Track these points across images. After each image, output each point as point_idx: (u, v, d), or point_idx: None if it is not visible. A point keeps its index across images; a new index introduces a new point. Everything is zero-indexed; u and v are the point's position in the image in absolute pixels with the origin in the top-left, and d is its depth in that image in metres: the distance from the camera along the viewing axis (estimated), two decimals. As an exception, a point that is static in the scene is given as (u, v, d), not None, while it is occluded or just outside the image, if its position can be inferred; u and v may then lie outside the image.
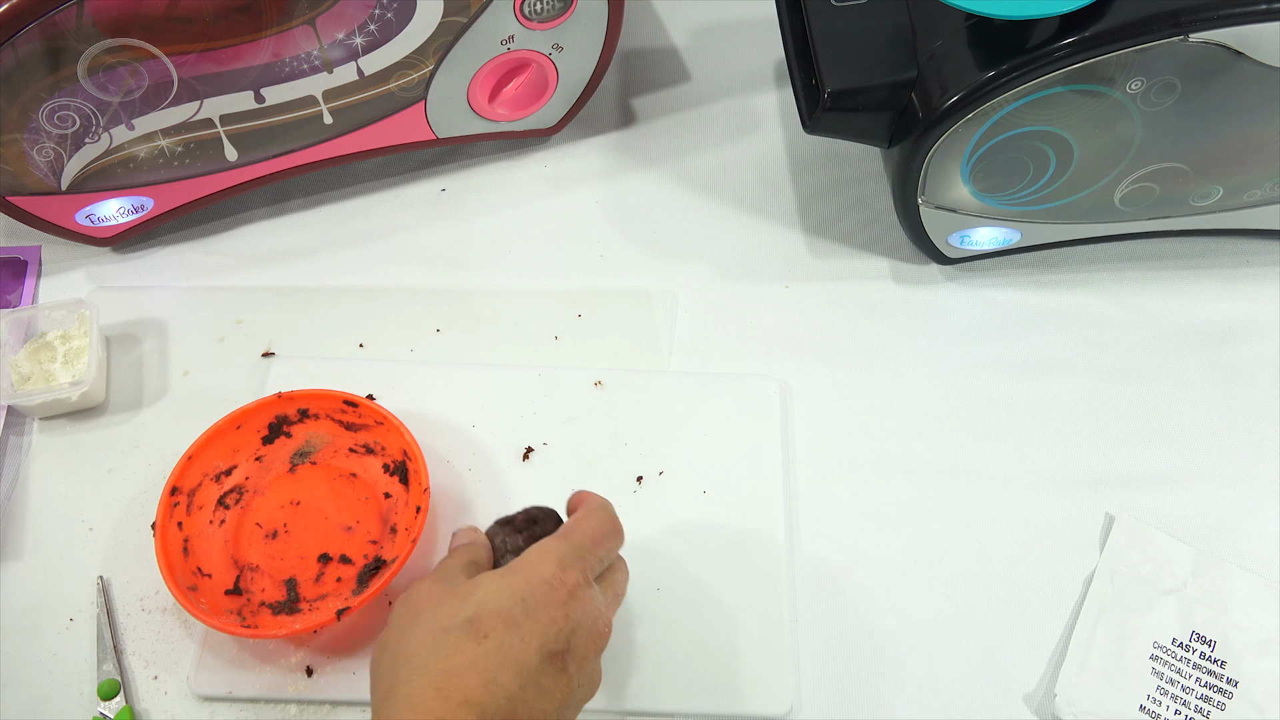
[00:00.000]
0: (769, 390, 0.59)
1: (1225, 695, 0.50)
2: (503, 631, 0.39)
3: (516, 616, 0.39)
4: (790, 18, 0.60)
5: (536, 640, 0.39)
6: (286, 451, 0.55)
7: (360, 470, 0.55)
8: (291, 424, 0.55)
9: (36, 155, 0.55)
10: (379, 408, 0.54)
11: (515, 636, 0.39)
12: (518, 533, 0.46)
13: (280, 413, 0.55)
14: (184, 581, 0.50)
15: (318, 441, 0.56)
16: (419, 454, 0.53)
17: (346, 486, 0.55)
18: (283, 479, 0.55)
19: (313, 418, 0.55)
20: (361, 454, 0.55)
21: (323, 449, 0.56)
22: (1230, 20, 0.49)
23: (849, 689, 0.51)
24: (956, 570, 0.54)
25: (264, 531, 0.53)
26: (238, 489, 0.54)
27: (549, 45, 0.62)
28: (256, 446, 0.55)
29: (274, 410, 0.55)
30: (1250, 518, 0.56)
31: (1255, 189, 0.59)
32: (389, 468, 0.55)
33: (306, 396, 0.55)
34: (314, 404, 0.55)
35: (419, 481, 0.52)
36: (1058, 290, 0.64)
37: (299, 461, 0.55)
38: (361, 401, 0.55)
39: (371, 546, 0.53)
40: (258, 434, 0.55)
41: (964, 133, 0.54)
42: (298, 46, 0.56)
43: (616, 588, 0.45)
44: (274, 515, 0.54)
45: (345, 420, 0.55)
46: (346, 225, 0.67)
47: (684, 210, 0.68)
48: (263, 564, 0.52)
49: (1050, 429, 0.59)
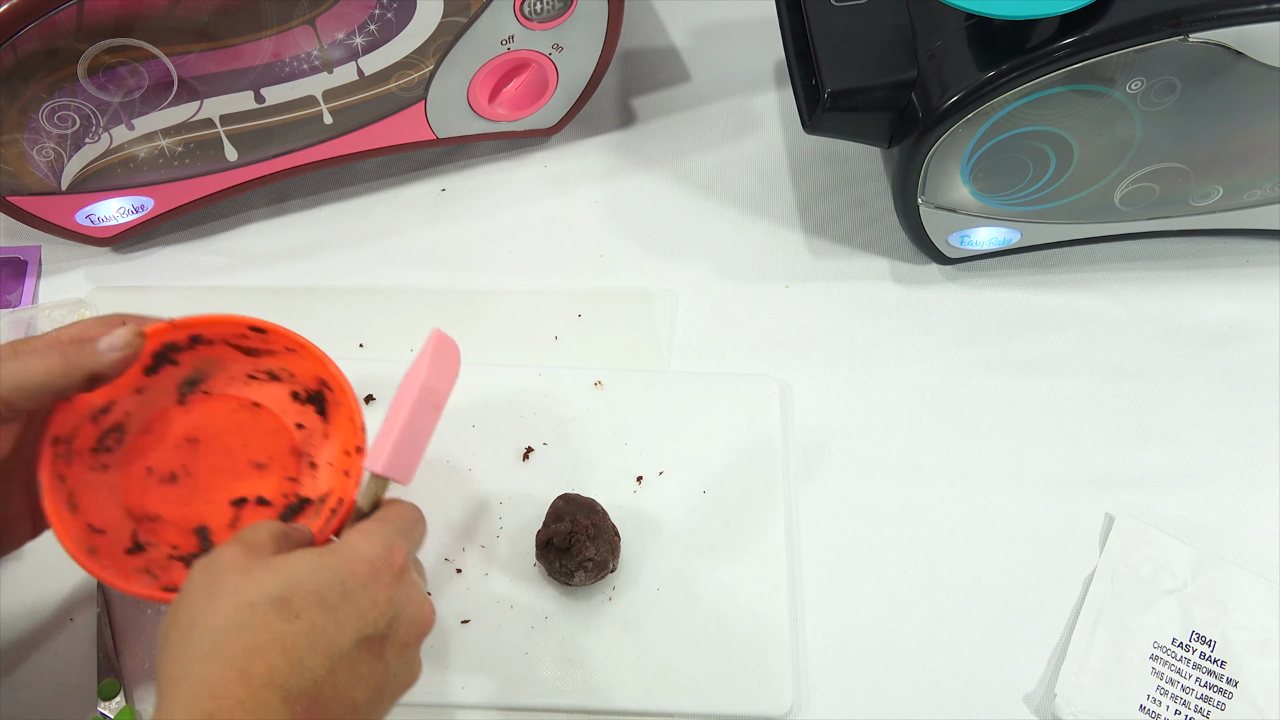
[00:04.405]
0: (769, 390, 0.59)
1: (1225, 695, 0.50)
2: (316, 612, 0.36)
3: (333, 599, 0.36)
4: (790, 18, 0.60)
5: (353, 624, 0.36)
6: (172, 381, 0.47)
7: (263, 398, 0.48)
8: (180, 350, 0.46)
9: (36, 155, 0.55)
10: (294, 334, 0.46)
11: (330, 619, 0.36)
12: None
13: (169, 340, 0.45)
14: (80, 542, 0.42)
15: (209, 367, 0.47)
16: (344, 383, 0.46)
17: (250, 419, 0.48)
18: (171, 413, 0.47)
19: (206, 344, 0.46)
20: (264, 380, 0.48)
21: (216, 376, 0.47)
22: (1230, 20, 0.49)
23: (849, 689, 0.51)
24: (956, 570, 0.54)
25: (158, 476, 0.46)
26: (117, 428, 0.46)
27: (549, 45, 0.62)
28: (137, 377, 0.46)
29: (162, 338, 0.45)
30: (1250, 518, 0.56)
31: (1255, 189, 0.59)
32: (299, 396, 0.48)
33: (204, 322, 0.45)
34: (211, 329, 0.46)
35: (348, 416, 0.46)
36: (1058, 290, 0.64)
37: (188, 392, 0.47)
38: (273, 327, 0.46)
39: (290, 484, 0.48)
40: (139, 364, 0.44)
41: (964, 133, 0.54)
42: (298, 46, 0.56)
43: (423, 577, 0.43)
44: (167, 456, 0.46)
45: (246, 346, 0.47)
46: (346, 225, 0.67)
47: (684, 210, 0.68)
48: (164, 513, 0.46)
49: (1050, 429, 0.59)
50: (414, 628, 0.39)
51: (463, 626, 0.51)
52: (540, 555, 0.51)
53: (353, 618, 0.36)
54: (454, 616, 0.52)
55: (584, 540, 0.50)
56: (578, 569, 0.50)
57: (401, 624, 0.38)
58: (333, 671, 0.35)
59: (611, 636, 0.51)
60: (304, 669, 0.35)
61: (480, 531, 0.54)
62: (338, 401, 0.47)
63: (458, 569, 0.53)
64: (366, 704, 0.37)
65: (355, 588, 0.37)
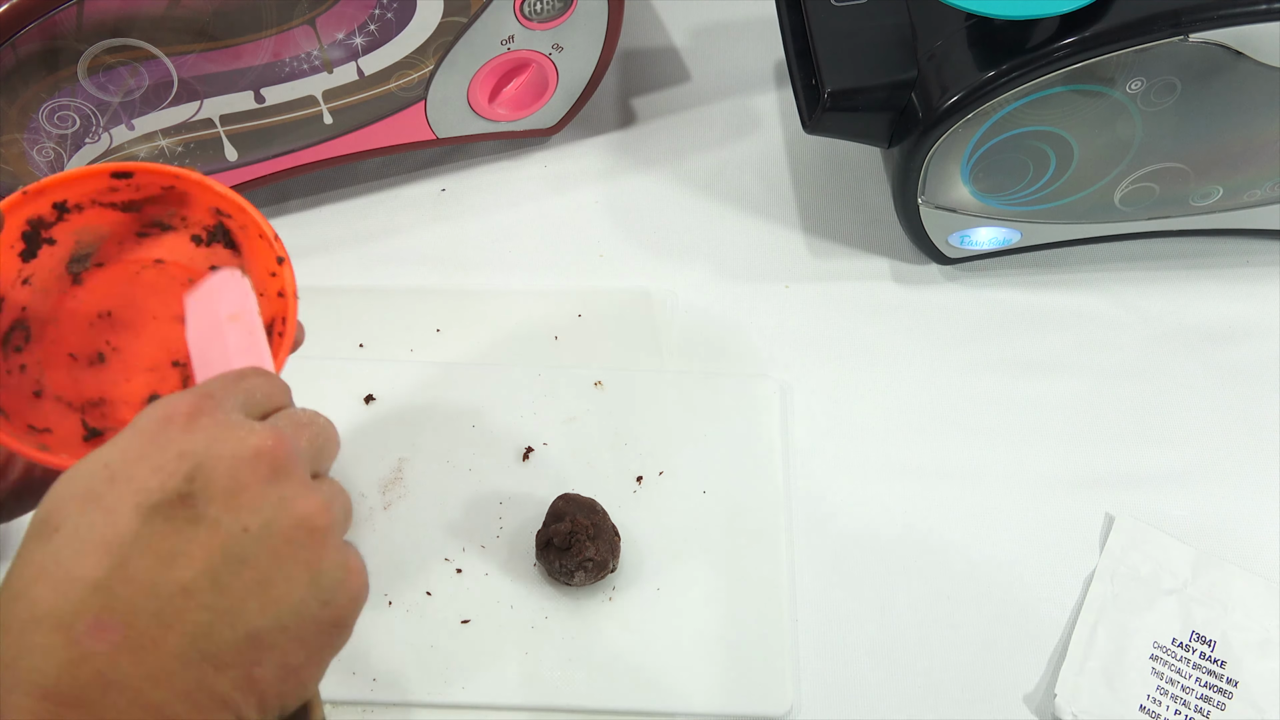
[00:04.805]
0: (769, 390, 0.59)
1: (1225, 695, 0.50)
2: (77, 514, 0.29)
3: (98, 488, 0.30)
4: (790, 18, 0.60)
5: (131, 500, 0.29)
6: (57, 262, 0.43)
7: (165, 254, 0.44)
8: (50, 225, 0.42)
9: (36, 155, 0.55)
10: (165, 167, 0.41)
11: (96, 512, 0.29)
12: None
13: (31, 214, 0.41)
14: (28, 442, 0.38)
15: (90, 237, 0.43)
16: (242, 203, 0.41)
17: (158, 277, 0.44)
18: (72, 295, 0.43)
19: (75, 210, 0.42)
20: (156, 234, 0.44)
21: (103, 244, 0.43)
22: (1230, 20, 0.49)
23: (849, 689, 0.51)
24: (956, 570, 0.54)
25: (85, 360, 0.43)
26: (18, 325, 0.42)
27: (549, 45, 0.62)
28: (17, 266, 0.42)
29: (21, 214, 0.41)
30: (1250, 518, 0.56)
31: (1255, 189, 0.59)
32: (201, 239, 0.44)
33: (57, 184, 0.41)
34: (69, 191, 0.41)
35: (257, 235, 0.41)
36: (1058, 290, 0.64)
37: (80, 269, 0.43)
38: (139, 166, 0.41)
39: None
40: (12, 250, 0.41)
41: (964, 133, 0.54)
42: (298, 46, 0.56)
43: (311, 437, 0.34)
44: (85, 339, 0.43)
45: (120, 201, 0.42)
46: (346, 225, 0.67)
47: (684, 210, 0.68)
48: (107, 394, 0.42)
49: (1050, 429, 0.59)
50: (241, 466, 0.30)
51: (463, 626, 0.51)
52: (540, 555, 0.51)
53: (129, 494, 0.29)
54: (454, 616, 0.52)
55: (584, 540, 0.50)
56: (578, 569, 0.50)
57: (213, 467, 0.30)
58: (119, 565, 0.28)
59: (611, 636, 0.51)
60: (71, 581, 0.28)
61: (480, 531, 0.54)
62: (242, 225, 0.42)
63: (458, 569, 0.53)
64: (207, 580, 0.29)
65: (129, 461, 0.30)
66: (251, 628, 0.29)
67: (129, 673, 0.27)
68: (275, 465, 0.31)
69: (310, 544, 0.31)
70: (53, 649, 0.27)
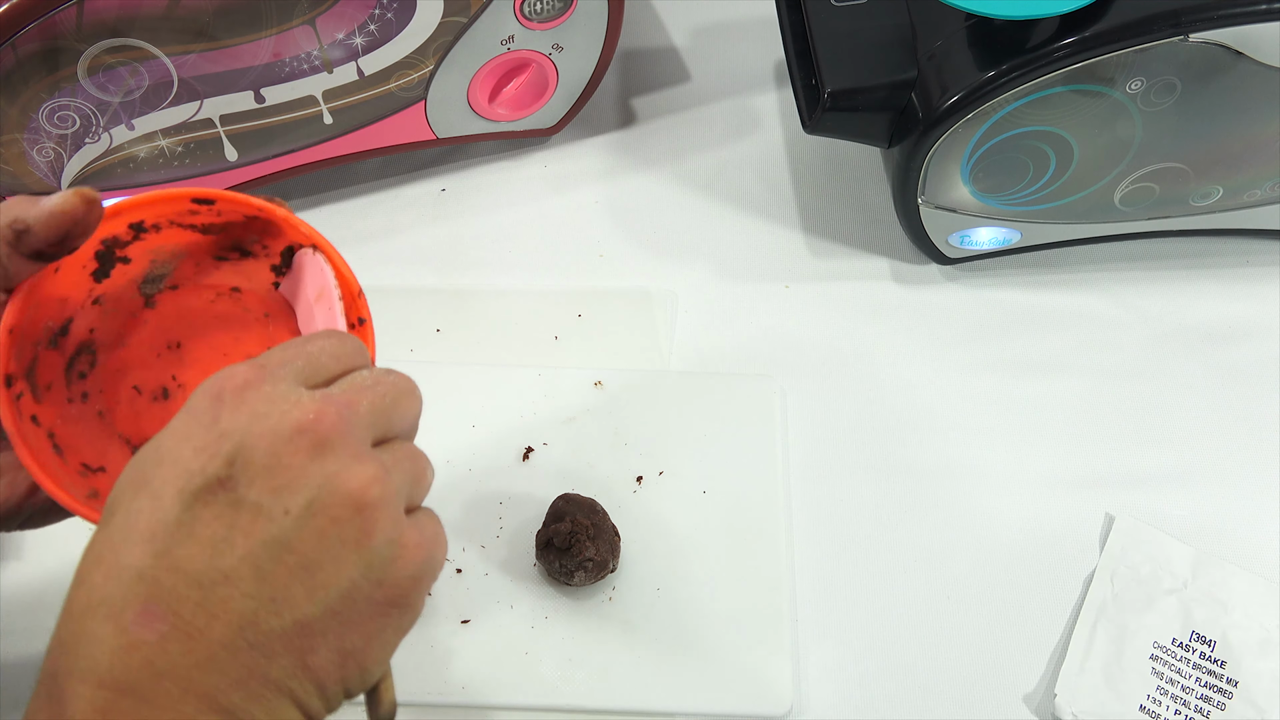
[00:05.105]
0: (769, 390, 0.59)
1: (1225, 695, 0.50)
2: (129, 499, 0.28)
3: (147, 472, 0.29)
4: (790, 18, 0.60)
5: (174, 484, 0.28)
6: (130, 282, 0.40)
7: (242, 281, 0.41)
8: (125, 245, 0.39)
9: (36, 155, 0.55)
10: (248, 198, 0.38)
11: (144, 497, 0.28)
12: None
13: (106, 234, 0.38)
14: (78, 490, 0.35)
15: (166, 258, 0.40)
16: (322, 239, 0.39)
17: (232, 308, 0.42)
18: (141, 319, 0.40)
19: (152, 229, 0.39)
20: (235, 259, 0.41)
21: (179, 265, 0.40)
22: (1230, 20, 0.49)
23: (849, 689, 0.51)
24: (956, 570, 0.54)
25: (149, 394, 0.40)
26: (85, 348, 0.39)
27: (549, 45, 0.62)
28: (88, 286, 0.39)
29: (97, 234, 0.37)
30: (1250, 518, 0.56)
31: (1255, 189, 0.59)
32: (280, 268, 0.41)
33: (135, 205, 0.37)
34: (147, 213, 0.38)
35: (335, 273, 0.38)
36: (1058, 290, 0.64)
37: (153, 290, 0.40)
38: (222, 195, 0.38)
39: None
40: (84, 269, 0.38)
41: (964, 133, 0.54)
42: (298, 46, 0.56)
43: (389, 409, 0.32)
44: (152, 370, 0.40)
45: (199, 224, 0.39)
46: (346, 225, 0.67)
47: (684, 210, 0.68)
48: None
49: (1050, 429, 0.59)
50: (279, 442, 0.28)
51: (463, 626, 0.51)
52: (540, 555, 0.51)
53: (171, 479, 0.28)
54: (454, 616, 0.52)
55: (584, 540, 0.50)
56: (578, 569, 0.50)
57: (254, 445, 0.28)
58: (162, 553, 0.27)
59: (611, 636, 0.51)
60: (116, 571, 0.27)
61: (480, 531, 0.54)
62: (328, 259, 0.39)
63: (458, 569, 0.53)
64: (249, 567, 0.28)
65: (171, 447, 0.29)
66: (299, 615, 0.28)
67: (178, 662, 0.27)
68: (318, 440, 0.29)
69: (358, 522, 0.29)
70: (105, 637, 0.27)
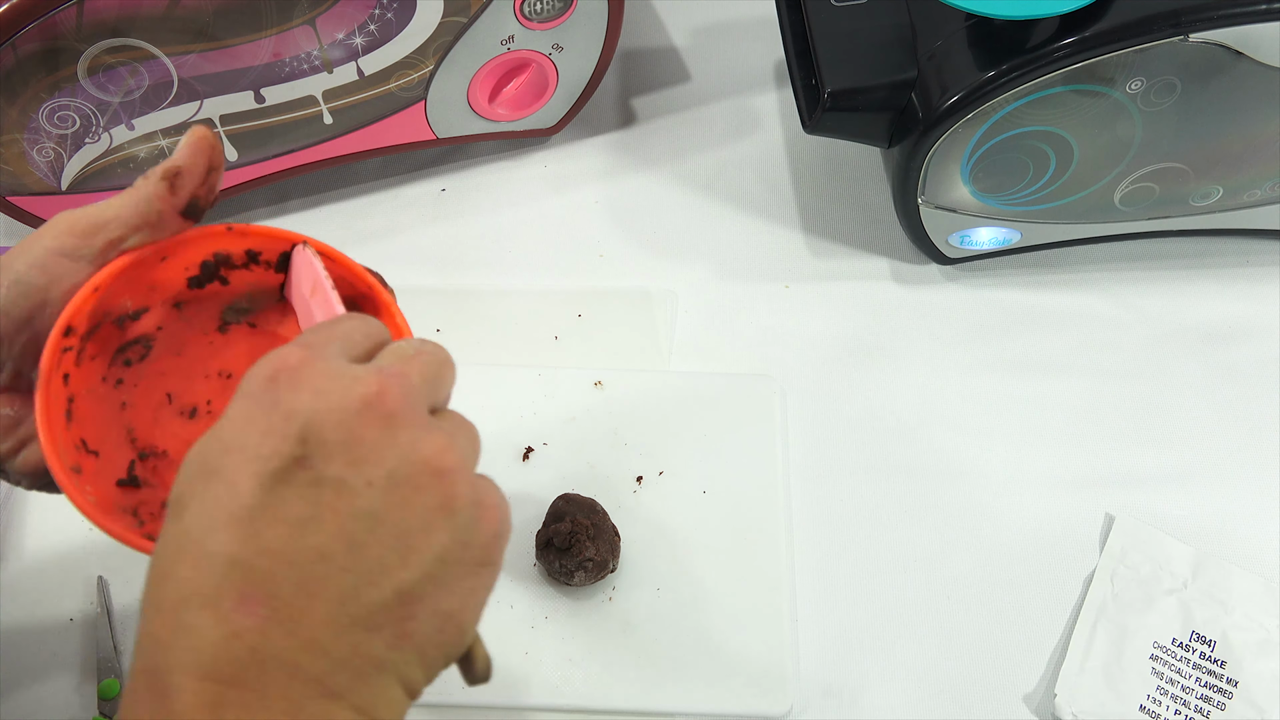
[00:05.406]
0: (769, 390, 0.59)
1: (1225, 695, 0.50)
2: (201, 490, 0.28)
3: (214, 461, 0.28)
4: (790, 18, 0.60)
5: (248, 469, 0.27)
6: (217, 304, 0.40)
7: None
8: (234, 268, 0.39)
9: (36, 155, 0.55)
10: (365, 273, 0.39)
11: (218, 485, 0.28)
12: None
13: (222, 249, 0.38)
14: (67, 456, 0.34)
15: (261, 299, 0.40)
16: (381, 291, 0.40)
17: None
18: (208, 340, 0.40)
19: (264, 265, 0.39)
20: None
21: (266, 309, 0.40)
22: (1230, 20, 0.49)
23: (849, 689, 0.51)
24: (956, 570, 0.54)
25: (177, 407, 0.39)
26: (143, 340, 0.39)
27: (549, 45, 0.62)
28: (180, 288, 0.38)
29: (214, 244, 0.38)
30: (1250, 518, 0.56)
31: (1255, 189, 0.59)
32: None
33: (265, 235, 0.38)
34: (267, 245, 0.39)
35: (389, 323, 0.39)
36: (1058, 290, 0.64)
37: (233, 320, 0.40)
38: (343, 260, 0.38)
39: None
40: (185, 270, 0.38)
41: (964, 133, 0.54)
42: (298, 46, 0.56)
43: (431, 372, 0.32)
44: (193, 386, 0.39)
45: None
46: (346, 225, 0.67)
47: (684, 210, 0.68)
48: (173, 450, 0.38)
49: (1050, 429, 0.59)
50: (346, 418, 0.28)
51: (463, 626, 0.51)
52: (540, 555, 0.51)
53: (244, 465, 0.28)
54: (454, 616, 0.52)
55: (584, 540, 0.50)
56: (578, 569, 0.50)
57: (323, 421, 0.28)
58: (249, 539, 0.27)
59: (611, 636, 0.51)
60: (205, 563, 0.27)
61: (480, 531, 0.54)
62: (375, 312, 0.39)
63: (458, 569, 0.53)
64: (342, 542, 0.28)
65: (237, 433, 0.28)
66: (398, 583, 0.28)
67: (282, 645, 0.27)
68: (386, 411, 0.29)
69: (440, 487, 0.29)
70: (204, 628, 0.26)
